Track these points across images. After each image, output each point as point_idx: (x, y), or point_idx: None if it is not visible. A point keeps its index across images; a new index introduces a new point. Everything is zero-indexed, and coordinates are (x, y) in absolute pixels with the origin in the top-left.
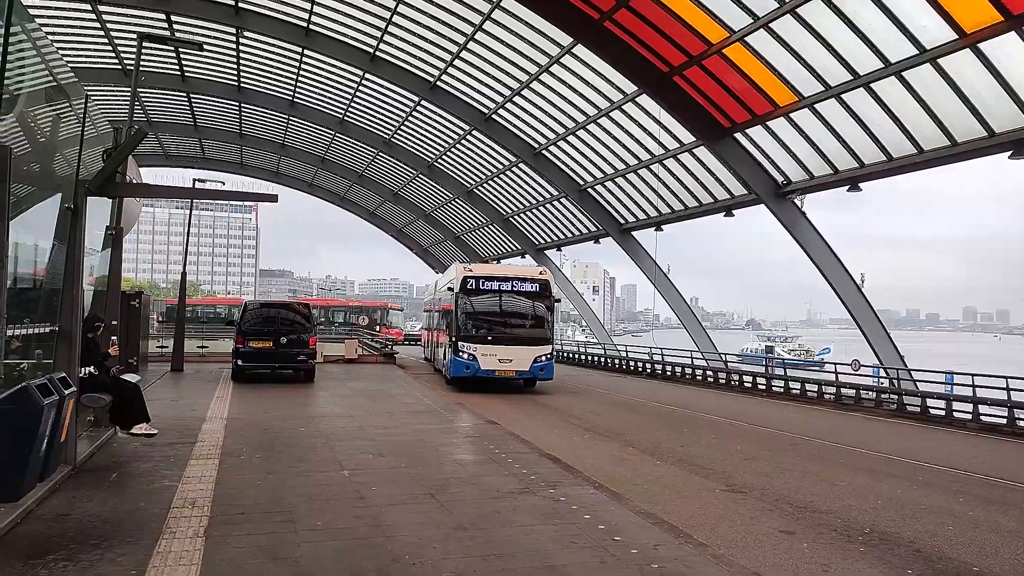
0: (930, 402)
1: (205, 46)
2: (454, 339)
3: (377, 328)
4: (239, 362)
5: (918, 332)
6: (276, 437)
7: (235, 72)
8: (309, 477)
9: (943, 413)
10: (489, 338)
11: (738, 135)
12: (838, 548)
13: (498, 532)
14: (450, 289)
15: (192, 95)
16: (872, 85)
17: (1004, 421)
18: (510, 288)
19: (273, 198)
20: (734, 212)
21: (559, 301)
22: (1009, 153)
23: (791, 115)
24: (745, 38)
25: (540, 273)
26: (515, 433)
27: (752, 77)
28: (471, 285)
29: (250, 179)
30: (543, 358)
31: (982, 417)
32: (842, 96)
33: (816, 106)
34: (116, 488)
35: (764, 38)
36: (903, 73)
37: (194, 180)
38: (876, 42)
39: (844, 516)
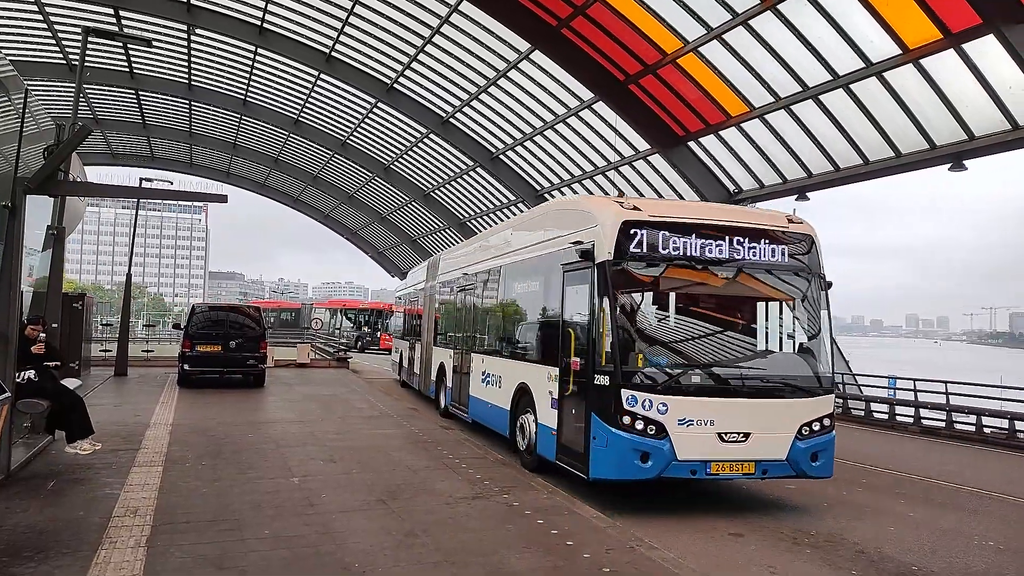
0: (874, 406)
1: (155, 43)
2: (601, 382)
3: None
4: (186, 366)
5: (862, 337)
6: (223, 443)
7: (186, 70)
8: (257, 484)
9: (886, 417)
10: (695, 381)
11: (692, 144)
12: (784, 550)
13: (450, 538)
14: (581, 257)
15: (141, 92)
16: (820, 97)
17: (943, 424)
18: (740, 255)
19: (223, 198)
20: None
21: (831, 285)
22: (949, 165)
23: (742, 125)
24: (699, 48)
25: (789, 223)
26: (468, 438)
27: (705, 87)
28: (645, 247)
29: (200, 179)
30: (817, 427)
31: (923, 421)
32: (791, 107)
33: (766, 116)
34: (53, 497)
35: (717, 49)
36: (851, 86)
37: (141, 179)
38: (825, 55)
39: (794, 520)
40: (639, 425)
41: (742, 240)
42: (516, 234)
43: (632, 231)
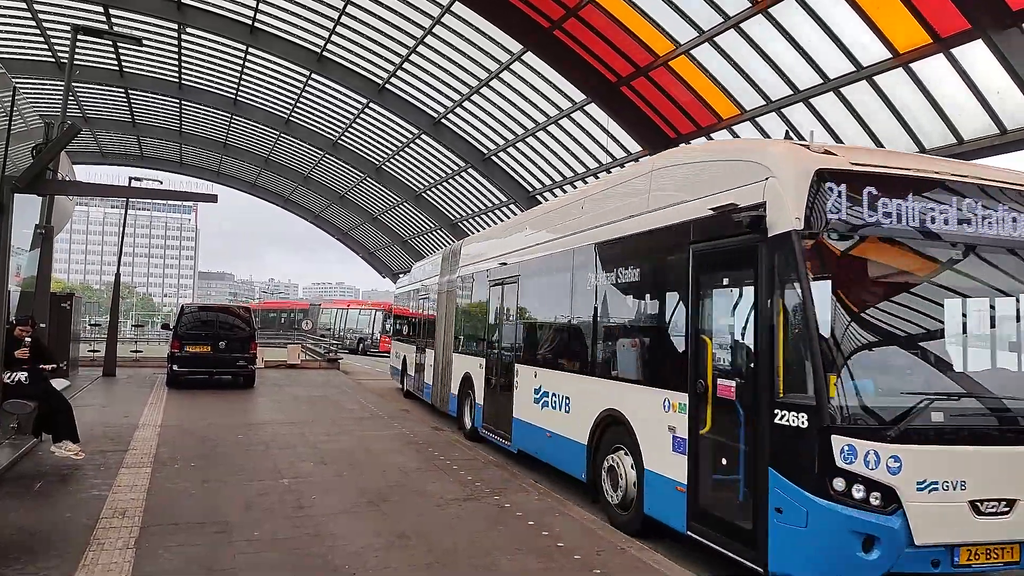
0: None
1: (145, 41)
2: (791, 421)
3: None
4: (175, 367)
5: None
6: (212, 444)
7: (176, 69)
8: (247, 486)
9: None
10: (938, 421)
11: (683, 146)
12: None
13: (441, 540)
14: (737, 229)
15: (131, 91)
16: (811, 100)
17: None
18: (1005, 229)
19: (212, 198)
20: None
21: None
22: None
23: (733, 127)
24: (690, 51)
25: None
26: (460, 440)
27: (697, 89)
28: (852, 210)
29: (190, 179)
30: None
31: None
32: (782, 110)
33: (758, 120)
34: (41, 498)
35: (708, 52)
36: (841, 89)
37: (130, 179)
38: (816, 58)
39: None
40: (859, 492)
41: (1010, 208)
42: (599, 205)
43: (831, 186)
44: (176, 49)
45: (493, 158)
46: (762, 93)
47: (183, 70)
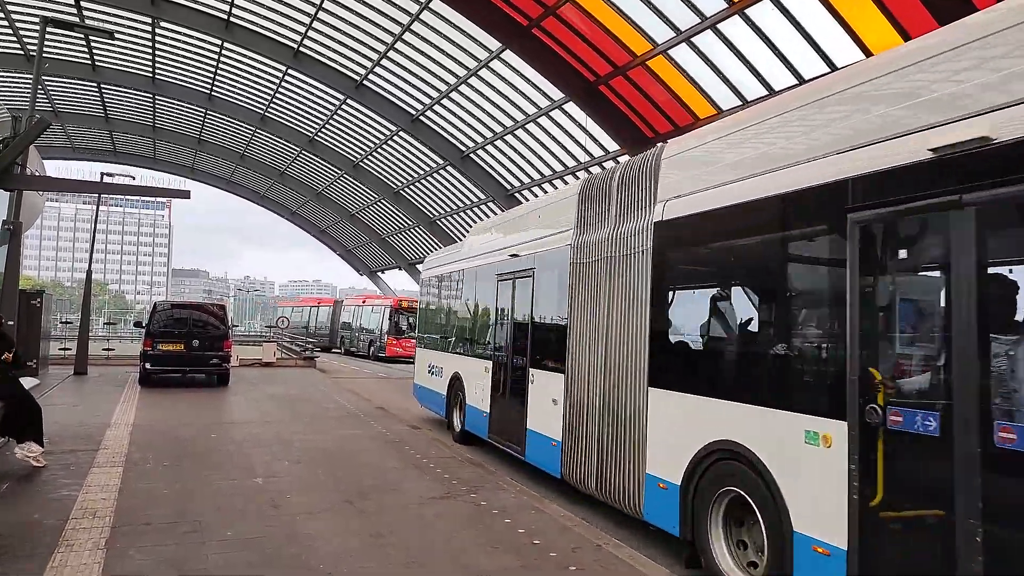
0: None
1: (118, 35)
2: None
3: None
4: (147, 365)
5: None
6: (186, 444)
7: (150, 63)
8: (221, 486)
9: None
10: None
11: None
12: None
13: (418, 539)
14: None
15: (103, 85)
16: None
17: None
18: None
19: (185, 194)
20: None
21: None
22: None
23: None
24: (668, 51)
25: None
26: (438, 439)
27: (674, 89)
28: None
29: (164, 174)
30: None
31: None
32: None
33: None
34: (8, 499)
35: (686, 52)
36: None
37: (102, 174)
38: (791, 59)
39: None
40: None
41: None
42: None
43: None
44: (150, 43)
45: (471, 156)
46: (738, 93)
47: (157, 64)
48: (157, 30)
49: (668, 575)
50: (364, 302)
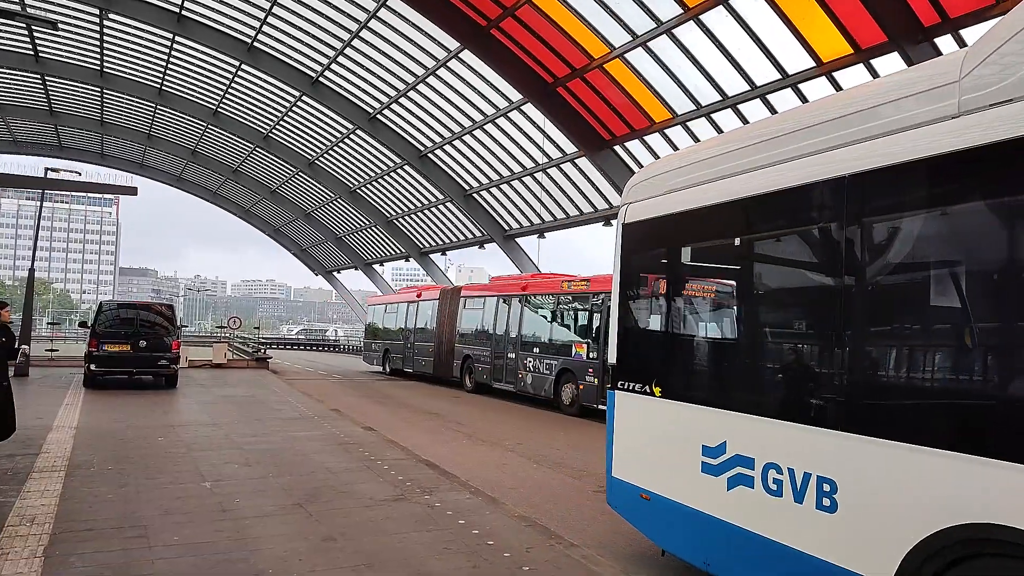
0: None
1: (63, 26)
2: None
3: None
4: (92, 367)
5: None
6: (131, 447)
7: (98, 56)
8: (167, 489)
9: None
10: None
11: (618, 148)
12: None
13: (369, 541)
14: None
15: (47, 77)
16: (739, 106)
17: None
18: None
19: (132, 191)
20: (612, 222)
21: None
22: None
23: (666, 131)
24: (625, 54)
25: None
26: (393, 440)
27: (631, 93)
28: None
29: (112, 170)
30: None
31: None
32: (712, 116)
33: (689, 124)
34: None
35: (642, 56)
36: (767, 96)
37: (46, 169)
38: (744, 66)
39: None
40: None
41: None
42: None
43: None
44: (98, 35)
45: (430, 155)
46: (693, 98)
47: (105, 57)
48: (105, 22)
49: (621, 575)
50: (525, 288)
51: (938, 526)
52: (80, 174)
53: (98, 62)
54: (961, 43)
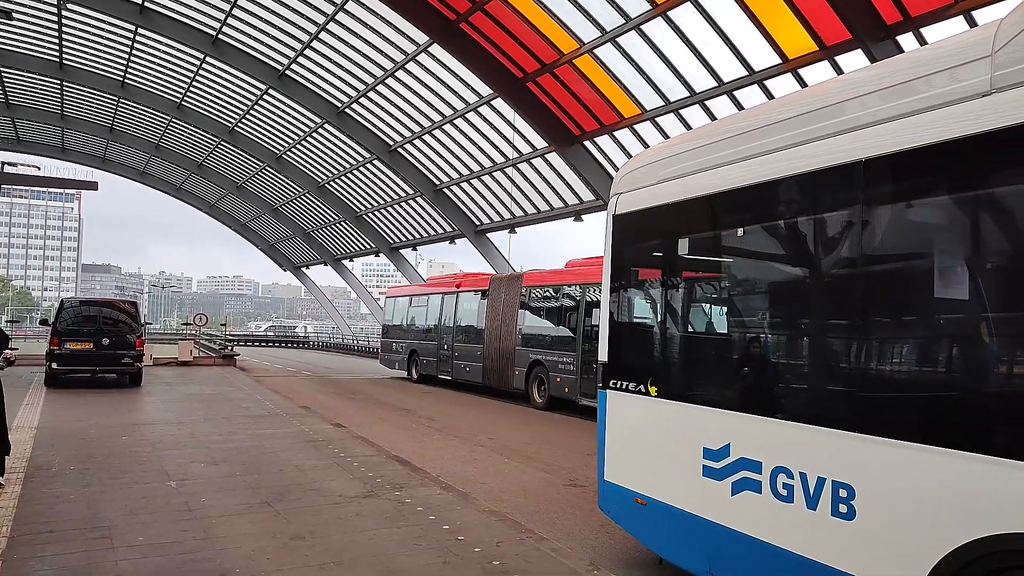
0: None
1: (17, 16)
2: None
3: None
4: (54, 365)
5: None
6: (94, 447)
7: (56, 47)
8: (131, 489)
9: None
10: None
11: (587, 143)
12: None
13: (338, 539)
14: None
15: (3, 69)
16: (707, 103)
17: None
18: None
19: (93, 185)
20: (583, 217)
21: None
22: None
23: (635, 127)
24: (594, 50)
25: None
26: (363, 436)
27: (600, 88)
28: None
29: (73, 165)
30: None
31: None
32: (680, 111)
33: (658, 119)
34: None
35: (611, 52)
36: (734, 92)
37: (3, 163)
38: (712, 62)
39: None
40: None
41: None
42: None
43: None
44: (56, 26)
45: (400, 150)
46: (661, 94)
47: (65, 49)
48: (64, 13)
49: (590, 568)
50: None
51: (970, 536)
52: (39, 168)
53: (57, 54)
54: (922, 41)
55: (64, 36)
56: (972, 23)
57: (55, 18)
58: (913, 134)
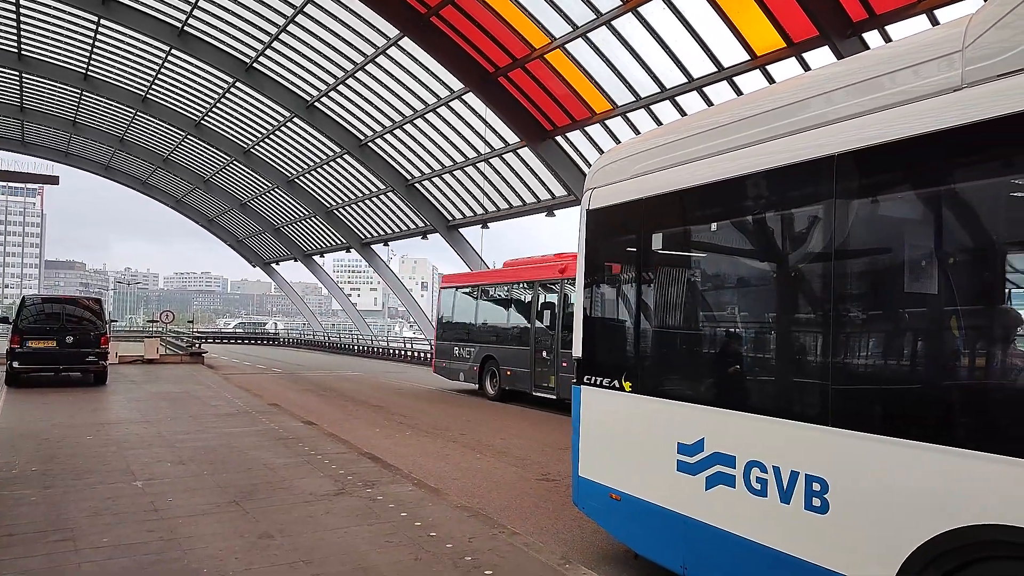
0: None
1: None
2: None
3: None
4: (15, 364)
5: None
6: (57, 447)
7: (15, 38)
8: (95, 490)
9: None
10: None
11: (559, 138)
12: None
13: (308, 537)
14: None
15: None
16: (677, 98)
17: None
18: None
19: (54, 180)
20: (555, 212)
21: None
22: None
23: (607, 122)
24: (565, 45)
25: None
26: (334, 433)
27: (572, 83)
28: None
29: (35, 159)
30: None
31: None
32: (651, 107)
33: (629, 115)
34: None
35: (583, 47)
36: (704, 88)
37: None
38: (682, 58)
39: None
40: None
41: None
42: None
43: None
44: (14, 16)
45: (370, 144)
46: (632, 90)
47: (24, 40)
48: (22, 3)
49: (562, 562)
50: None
51: (942, 528)
52: None
53: (15, 45)
54: (887, 38)
55: (23, 25)
56: (935, 21)
57: (12, 6)
58: (884, 129)
